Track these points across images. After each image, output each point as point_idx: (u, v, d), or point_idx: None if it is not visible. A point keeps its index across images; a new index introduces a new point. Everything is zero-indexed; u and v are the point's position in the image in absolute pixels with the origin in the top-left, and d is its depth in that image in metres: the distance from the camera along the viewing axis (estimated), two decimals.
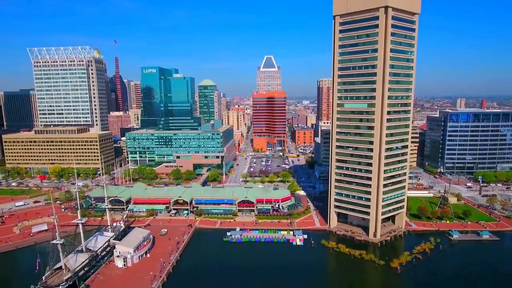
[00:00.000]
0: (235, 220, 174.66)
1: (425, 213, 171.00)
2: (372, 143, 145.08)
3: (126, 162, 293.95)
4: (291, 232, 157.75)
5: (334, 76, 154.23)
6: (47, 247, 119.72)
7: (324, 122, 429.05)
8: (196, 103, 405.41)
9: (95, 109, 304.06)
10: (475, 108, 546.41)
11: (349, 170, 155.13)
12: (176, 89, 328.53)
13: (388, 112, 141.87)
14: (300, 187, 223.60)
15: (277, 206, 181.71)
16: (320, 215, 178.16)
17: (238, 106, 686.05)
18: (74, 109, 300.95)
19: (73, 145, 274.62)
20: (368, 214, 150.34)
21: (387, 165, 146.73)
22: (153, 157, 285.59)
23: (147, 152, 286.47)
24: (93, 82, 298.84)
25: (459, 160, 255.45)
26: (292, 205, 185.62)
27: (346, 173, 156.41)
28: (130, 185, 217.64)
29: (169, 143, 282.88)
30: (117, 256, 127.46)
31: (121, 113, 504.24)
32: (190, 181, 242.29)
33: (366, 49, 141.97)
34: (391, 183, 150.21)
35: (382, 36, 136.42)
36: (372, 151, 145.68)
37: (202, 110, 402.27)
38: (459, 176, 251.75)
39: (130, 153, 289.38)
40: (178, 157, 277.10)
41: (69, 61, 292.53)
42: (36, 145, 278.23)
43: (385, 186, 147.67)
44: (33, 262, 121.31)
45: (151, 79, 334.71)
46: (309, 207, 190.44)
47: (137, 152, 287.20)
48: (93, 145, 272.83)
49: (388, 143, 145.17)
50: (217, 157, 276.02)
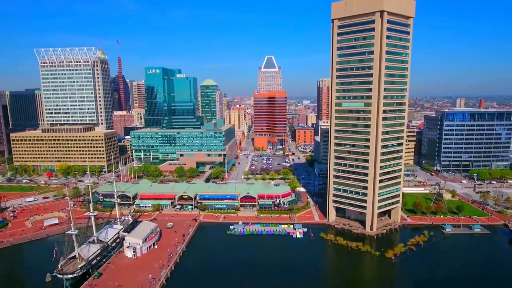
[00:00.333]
0: (238, 215, 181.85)
1: (420, 208, 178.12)
2: (369, 141, 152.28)
3: (130, 160, 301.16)
4: (292, 226, 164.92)
5: (333, 77, 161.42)
6: (62, 238, 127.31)
7: (324, 122, 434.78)
8: (198, 103, 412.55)
9: (100, 109, 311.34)
10: (471, 108, 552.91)
11: (347, 167, 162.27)
12: (179, 89, 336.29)
13: (384, 111, 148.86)
14: (300, 184, 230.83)
15: (278, 202, 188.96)
16: (319, 210, 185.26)
17: (240, 106, 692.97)
18: (80, 109, 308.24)
19: (79, 144, 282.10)
20: (365, 208, 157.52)
21: (383, 162, 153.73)
22: (157, 155, 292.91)
23: (151, 150, 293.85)
24: (99, 82, 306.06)
25: (455, 159, 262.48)
26: (293, 201, 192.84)
27: (344, 169, 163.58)
28: (136, 182, 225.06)
29: (173, 142, 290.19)
30: (127, 247, 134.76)
31: (124, 113, 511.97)
32: (193, 178, 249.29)
33: (363, 51, 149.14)
34: (387, 179, 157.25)
35: (378, 39, 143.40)
36: (369, 148, 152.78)
37: (204, 110, 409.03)
38: (455, 174, 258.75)
39: (135, 151, 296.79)
40: (182, 155, 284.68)
41: (75, 62, 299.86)
42: (43, 143, 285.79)
43: (381, 182, 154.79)
44: (47, 253, 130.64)
45: (155, 79, 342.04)
46: (309, 203, 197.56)
47: (142, 150, 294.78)
48: (99, 144, 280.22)
49: (384, 141, 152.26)
50: (220, 155, 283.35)
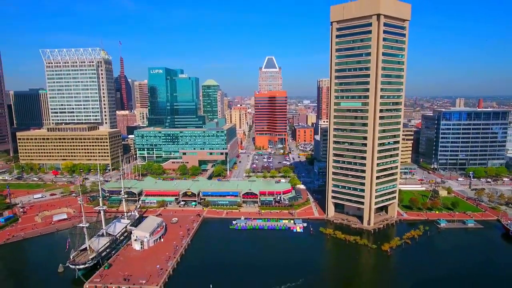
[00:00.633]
0: (240, 211, 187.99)
1: (416, 204, 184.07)
2: (366, 139, 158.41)
3: (134, 159, 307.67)
4: (292, 221, 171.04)
5: (332, 77, 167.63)
6: (74, 230, 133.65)
7: (324, 121, 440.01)
8: (200, 102, 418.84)
9: (104, 108, 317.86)
10: (469, 107, 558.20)
11: (345, 164, 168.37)
12: (182, 89, 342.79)
13: (381, 110, 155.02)
14: (300, 181, 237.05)
15: (279, 198, 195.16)
16: (319, 206, 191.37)
17: (240, 106, 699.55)
18: (85, 108, 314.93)
19: (84, 142, 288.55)
20: (363, 204, 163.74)
21: (380, 159, 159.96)
22: (161, 154, 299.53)
23: (155, 149, 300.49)
24: (103, 82, 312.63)
25: (452, 157, 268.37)
26: (293, 197, 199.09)
27: (343, 167, 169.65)
28: (141, 179, 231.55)
29: (176, 140, 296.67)
30: (135, 240, 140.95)
31: (127, 112, 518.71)
32: (196, 176, 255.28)
33: (361, 53, 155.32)
34: (384, 176, 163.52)
35: (375, 41, 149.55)
36: (366, 146, 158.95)
37: (206, 109, 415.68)
38: (451, 172, 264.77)
39: (139, 150, 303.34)
40: (184, 154, 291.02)
41: (80, 62, 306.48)
42: (49, 142, 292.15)
43: (378, 178, 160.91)
44: (57, 246, 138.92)
45: (158, 79, 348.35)
46: (309, 199, 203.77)
47: (145, 149, 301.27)
48: (103, 142, 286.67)
49: (381, 139, 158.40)
50: (222, 154, 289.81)
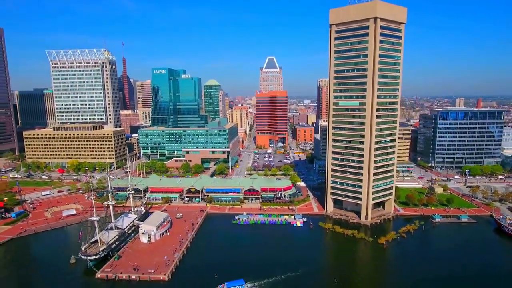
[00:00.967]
0: (242, 207, 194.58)
1: (413, 201, 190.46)
2: (364, 137, 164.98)
3: (137, 158, 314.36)
4: (292, 216, 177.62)
5: (330, 77, 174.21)
6: (85, 223, 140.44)
7: (324, 120, 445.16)
8: (202, 102, 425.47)
9: (109, 108, 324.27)
10: (467, 107, 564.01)
11: (344, 161, 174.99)
12: (184, 89, 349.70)
13: (378, 110, 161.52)
14: (300, 179, 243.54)
15: (280, 195, 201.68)
16: (318, 202, 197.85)
17: (242, 105, 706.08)
18: (90, 108, 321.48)
19: (89, 141, 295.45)
20: (360, 200, 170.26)
21: (377, 156, 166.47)
22: (164, 152, 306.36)
23: (158, 148, 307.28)
24: (107, 82, 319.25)
25: (449, 155, 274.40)
26: (293, 194, 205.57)
27: (341, 164, 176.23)
28: (146, 177, 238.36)
29: (179, 139, 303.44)
30: (142, 233, 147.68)
31: (130, 112, 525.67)
32: (199, 174, 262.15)
33: (358, 54, 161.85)
34: (380, 172, 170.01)
35: (372, 43, 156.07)
36: (364, 144, 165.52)
37: (208, 109, 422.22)
38: (448, 170, 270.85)
39: (142, 148, 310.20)
40: (187, 152, 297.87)
41: (85, 63, 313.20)
42: (55, 141, 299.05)
43: (375, 175, 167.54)
44: (68, 239, 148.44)
45: (161, 80, 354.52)
46: (308, 196, 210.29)
47: (149, 148, 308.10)
48: (108, 141, 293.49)
49: (378, 137, 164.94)
50: (224, 152, 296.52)
